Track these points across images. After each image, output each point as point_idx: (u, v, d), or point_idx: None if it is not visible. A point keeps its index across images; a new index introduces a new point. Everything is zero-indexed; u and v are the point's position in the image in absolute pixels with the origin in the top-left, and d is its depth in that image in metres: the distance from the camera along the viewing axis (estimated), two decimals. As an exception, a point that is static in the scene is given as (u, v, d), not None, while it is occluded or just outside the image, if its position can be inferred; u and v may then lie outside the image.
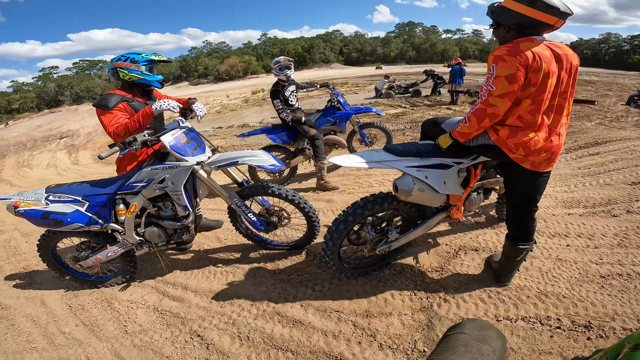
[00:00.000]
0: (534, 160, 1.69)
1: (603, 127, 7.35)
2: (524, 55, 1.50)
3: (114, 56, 2.44)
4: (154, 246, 2.38)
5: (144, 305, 2.35)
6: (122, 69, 2.35)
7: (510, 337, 1.78)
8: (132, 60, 2.35)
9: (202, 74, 69.87)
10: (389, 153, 1.90)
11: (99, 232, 2.37)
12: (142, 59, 2.37)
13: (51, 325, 2.29)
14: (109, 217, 2.29)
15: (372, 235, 2.10)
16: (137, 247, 2.38)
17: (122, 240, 2.34)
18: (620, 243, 2.50)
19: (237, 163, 2.22)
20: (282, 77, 3.99)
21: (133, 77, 2.37)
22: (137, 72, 2.37)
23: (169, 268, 2.71)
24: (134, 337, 2.09)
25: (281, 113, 3.90)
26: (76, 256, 2.45)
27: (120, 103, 2.28)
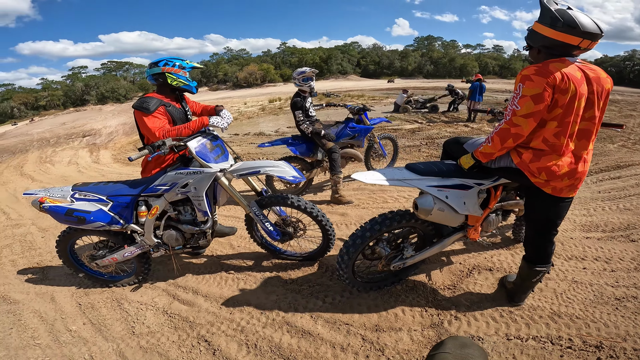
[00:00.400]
0: (555, 186, 1.67)
1: (626, 149, 7.17)
2: (552, 75, 1.48)
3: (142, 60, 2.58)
4: (170, 249, 2.41)
5: (154, 307, 2.37)
6: (171, 75, 2.40)
7: (520, 355, 1.77)
8: (180, 66, 2.42)
9: (222, 80, 71.36)
10: (411, 172, 1.93)
11: (118, 232, 2.40)
12: (188, 65, 2.46)
13: (58, 322, 2.31)
14: (130, 217, 2.33)
15: (387, 251, 2.11)
16: (154, 249, 2.41)
17: (140, 241, 2.38)
18: (637, 267, 2.46)
19: (259, 173, 2.27)
20: (305, 88, 3.98)
21: (180, 82, 2.44)
22: (184, 77, 2.45)
23: (181, 272, 2.73)
24: (141, 339, 2.10)
25: (301, 125, 3.90)
26: (93, 254, 2.48)
27: (160, 107, 2.33)
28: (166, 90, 2.48)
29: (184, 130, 2.29)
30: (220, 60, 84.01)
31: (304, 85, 3.98)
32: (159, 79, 2.42)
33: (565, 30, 1.49)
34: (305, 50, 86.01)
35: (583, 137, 1.64)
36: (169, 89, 2.48)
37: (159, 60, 2.42)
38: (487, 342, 1.87)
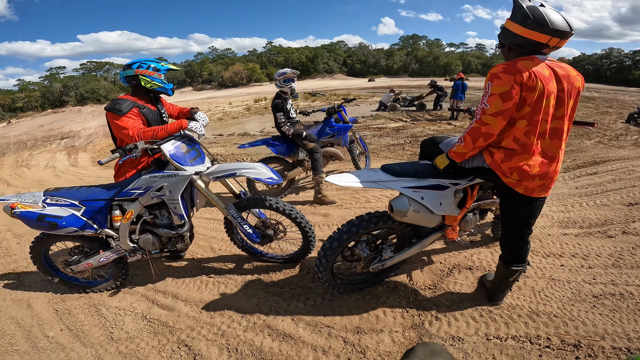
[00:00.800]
0: (527, 186, 1.67)
1: (602, 145, 7.38)
2: (519, 73, 1.48)
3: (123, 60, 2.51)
4: (147, 254, 2.38)
5: (132, 312, 2.34)
6: (145, 77, 2.35)
7: (500, 356, 1.77)
8: (154, 68, 2.37)
9: (207, 80, 70.52)
10: (386, 173, 1.91)
11: (92, 237, 2.37)
12: (163, 67, 2.41)
13: (35, 328, 2.27)
14: (104, 222, 2.30)
15: (366, 253, 2.10)
16: (130, 253, 2.38)
17: (116, 246, 2.34)
18: (614, 263, 2.50)
19: (235, 175, 2.25)
20: (286, 89, 3.98)
21: (155, 85, 2.39)
22: (158, 80, 2.40)
23: (160, 276, 2.70)
24: (120, 344, 2.07)
25: (282, 126, 3.91)
26: (68, 260, 2.44)
27: (133, 109, 2.29)
28: (140, 93, 2.43)
29: (160, 132, 2.25)
30: (205, 59, 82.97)
31: (285, 87, 3.98)
32: (132, 81, 2.37)
33: (535, 27, 1.48)
34: (292, 50, 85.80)
35: (555, 137, 1.63)
36: (144, 91, 2.43)
37: (132, 62, 2.37)
38: (467, 342, 1.87)
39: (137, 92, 2.43)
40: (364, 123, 10.72)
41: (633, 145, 7.92)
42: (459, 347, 1.85)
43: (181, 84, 71.62)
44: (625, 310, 2.00)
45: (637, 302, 2.06)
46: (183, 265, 2.87)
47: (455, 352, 1.82)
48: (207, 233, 3.46)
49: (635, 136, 9.14)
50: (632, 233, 2.92)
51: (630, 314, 1.98)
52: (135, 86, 2.39)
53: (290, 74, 3.99)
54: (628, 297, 2.12)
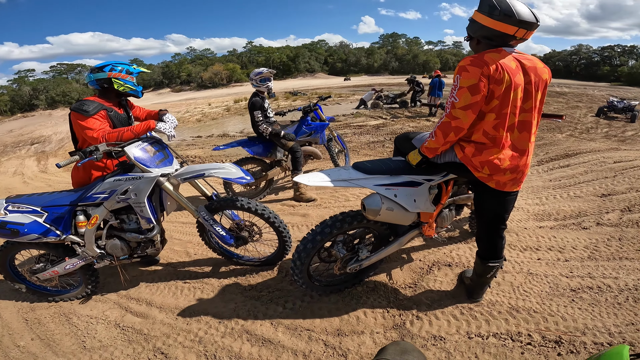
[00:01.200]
0: (499, 180, 1.66)
1: (574, 138, 7.63)
2: (486, 66, 1.47)
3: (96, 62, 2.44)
4: (115, 259, 2.31)
5: (105, 320, 2.26)
6: (117, 80, 2.30)
7: (482, 354, 1.75)
8: (127, 71, 2.33)
9: (185, 81, 69.29)
10: (358, 171, 1.85)
11: (57, 244, 2.30)
12: (135, 70, 2.38)
13: (6, 338, 2.20)
14: (68, 228, 2.23)
15: (342, 254, 2.04)
16: (98, 260, 2.31)
17: (82, 252, 2.27)
18: (590, 256, 2.53)
19: (203, 175, 2.20)
20: (263, 88, 3.90)
21: (127, 87, 2.35)
22: (130, 83, 2.36)
23: (133, 283, 2.62)
24: (93, 353, 2.01)
25: (260, 125, 3.81)
26: (33, 268, 2.37)
27: (101, 111, 2.23)
28: (110, 95, 2.38)
29: (126, 133, 2.19)
30: (183, 60, 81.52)
31: (262, 86, 3.90)
32: (104, 84, 2.32)
33: (501, 18, 1.48)
34: (272, 49, 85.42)
35: (524, 129, 1.63)
36: (114, 94, 2.39)
37: (103, 65, 2.31)
38: (449, 341, 1.84)
39: (106, 94, 2.37)
40: (344, 121, 10.72)
41: (603, 138, 8.24)
42: (441, 346, 1.82)
43: (158, 85, 70.17)
44: (604, 304, 2.02)
45: (616, 296, 2.08)
46: (157, 270, 2.79)
47: (438, 352, 1.79)
48: (183, 237, 3.34)
49: (605, 129, 9.53)
50: (606, 224, 2.99)
51: (610, 307, 1.99)
52: (105, 89, 2.34)
53: (266, 73, 3.92)
54: (606, 290, 2.14)
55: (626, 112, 11.24)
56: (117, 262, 2.32)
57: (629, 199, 3.45)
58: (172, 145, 9.04)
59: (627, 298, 2.05)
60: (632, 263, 2.40)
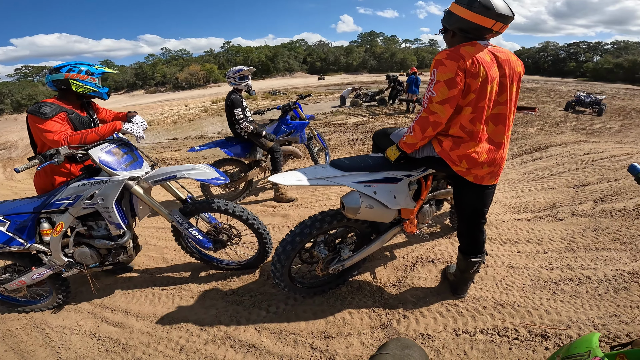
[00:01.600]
0: (477, 174, 1.66)
1: (544, 132, 7.91)
2: (462, 59, 1.46)
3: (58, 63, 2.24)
4: (85, 268, 2.21)
5: (79, 330, 2.18)
6: (76, 81, 2.16)
7: (471, 351, 1.74)
8: (87, 72, 2.18)
9: (160, 82, 67.46)
10: (335, 168, 1.80)
11: (22, 253, 2.20)
12: (97, 70, 2.23)
13: None
14: (32, 237, 2.13)
15: (324, 254, 1.98)
16: (66, 269, 2.20)
17: (49, 261, 2.17)
18: (567, 247, 2.59)
19: (175, 177, 2.10)
20: (242, 87, 3.78)
21: (87, 89, 2.20)
22: (91, 84, 2.21)
23: (107, 291, 2.53)
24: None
25: (242, 123, 3.68)
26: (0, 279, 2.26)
27: (60, 113, 2.11)
28: (70, 97, 2.24)
29: (90, 135, 2.08)
30: (157, 61, 79.24)
31: (241, 84, 3.78)
32: (61, 85, 2.18)
33: (480, 11, 1.47)
34: (251, 49, 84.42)
35: (499, 122, 1.63)
36: (75, 96, 2.25)
37: (61, 65, 2.17)
38: (437, 339, 1.83)
39: (66, 96, 2.23)
40: (324, 119, 10.70)
41: (572, 131, 8.59)
42: (429, 345, 1.80)
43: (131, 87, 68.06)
44: (585, 296, 2.05)
45: (596, 287, 2.12)
46: (133, 277, 2.68)
47: (427, 351, 1.77)
48: (159, 243, 3.22)
49: (574, 122, 9.94)
50: (580, 215, 3.07)
51: (591, 299, 2.02)
52: (63, 90, 2.21)
53: (246, 71, 3.81)
54: (586, 281, 2.18)
55: (593, 106, 11.77)
56: (88, 271, 2.22)
57: (601, 190, 3.58)
58: (147, 149, 8.73)
59: (607, 289, 2.09)
60: (608, 253, 2.47)
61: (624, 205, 3.14)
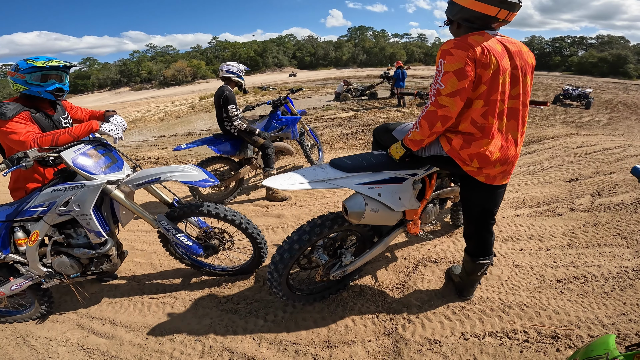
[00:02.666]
0: (488, 174, 1.56)
1: (535, 125, 7.94)
2: (472, 48, 1.37)
3: None
4: (66, 278, 2.09)
5: (66, 342, 2.08)
6: (10, 79, 2.02)
7: (480, 355, 1.67)
8: (15, 67, 2.00)
9: (146, 79, 66.18)
10: (336, 169, 1.68)
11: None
12: (25, 65, 1.98)
13: None
14: (7, 246, 2.01)
15: (324, 260, 1.87)
16: (46, 279, 2.09)
17: (26, 272, 2.06)
18: (570, 243, 2.54)
19: (159, 180, 1.97)
20: (241, 81, 3.68)
21: (19, 87, 2.01)
22: (20, 81, 1.99)
23: (93, 300, 2.41)
24: None
25: (235, 120, 3.53)
26: None
27: (22, 112, 1.96)
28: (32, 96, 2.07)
29: (62, 136, 1.93)
30: (142, 57, 77.54)
31: (241, 80, 3.67)
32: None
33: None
34: (239, 44, 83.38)
35: (512, 117, 1.53)
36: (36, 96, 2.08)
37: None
38: (445, 344, 1.75)
39: (29, 96, 2.07)
40: (315, 114, 10.56)
41: (562, 124, 8.67)
42: (437, 350, 1.72)
43: (116, 84, 66.56)
44: (592, 294, 2.00)
45: (602, 285, 2.07)
46: (120, 285, 2.55)
47: (435, 357, 1.69)
48: (146, 248, 3.06)
49: (563, 115, 10.05)
50: (579, 209, 3.04)
51: (598, 298, 1.98)
52: None
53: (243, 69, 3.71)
54: (591, 279, 2.13)
55: (581, 99, 11.93)
56: (69, 281, 2.10)
57: (597, 183, 3.56)
58: (132, 147, 8.46)
59: (613, 287, 2.05)
60: (611, 249, 2.43)
61: (622, 199, 3.12)
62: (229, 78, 3.59)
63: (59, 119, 2.17)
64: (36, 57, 2.01)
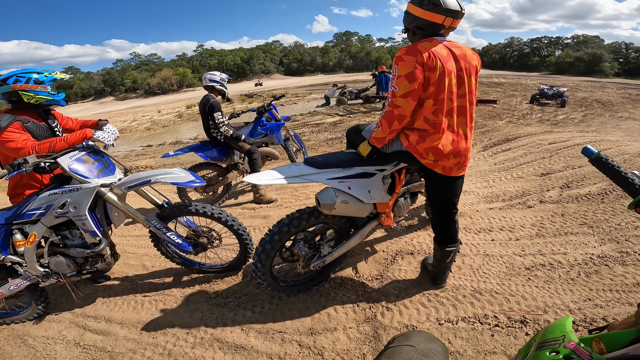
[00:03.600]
0: (444, 165, 1.74)
1: (512, 124, 8.23)
2: (420, 54, 1.55)
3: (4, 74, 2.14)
4: (62, 277, 2.17)
5: (63, 340, 2.15)
6: (26, 92, 2.09)
7: (455, 339, 1.78)
8: (35, 80, 2.11)
9: (130, 88, 65.35)
10: (309, 166, 1.84)
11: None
12: (47, 78, 2.15)
13: None
14: (6, 248, 2.08)
15: (304, 251, 2.01)
16: (43, 279, 2.16)
17: (24, 272, 2.13)
18: (538, 233, 2.70)
19: (149, 182, 2.09)
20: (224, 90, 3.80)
21: (41, 99, 2.14)
22: (44, 93, 2.14)
23: (88, 300, 2.49)
24: None
25: (222, 127, 3.65)
26: None
27: (14, 122, 2.06)
28: (25, 107, 2.19)
29: (59, 143, 2.05)
30: (126, 66, 76.55)
31: (224, 88, 3.79)
32: (12, 97, 2.12)
33: (430, 8, 1.57)
34: (225, 52, 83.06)
35: (461, 114, 1.72)
36: (29, 106, 2.19)
37: (7, 76, 2.09)
38: (421, 329, 1.87)
39: (20, 106, 2.18)
40: (302, 120, 10.71)
41: (538, 122, 8.99)
42: (415, 336, 1.85)
43: (100, 94, 65.55)
44: (559, 281, 2.14)
45: (567, 271, 2.21)
46: (113, 286, 2.63)
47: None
48: (138, 251, 3.15)
49: (539, 114, 10.41)
50: (548, 201, 3.23)
51: (564, 284, 2.11)
52: (15, 102, 2.15)
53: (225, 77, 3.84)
54: (557, 266, 2.27)
55: (556, 98, 12.36)
56: (65, 280, 2.19)
57: (566, 177, 3.78)
58: (120, 157, 8.46)
59: (578, 273, 2.19)
60: (577, 237, 2.59)
61: (589, 191, 3.32)
62: (212, 87, 3.71)
63: (47, 127, 2.27)
64: (47, 70, 2.19)
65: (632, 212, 2.84)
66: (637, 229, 2.61)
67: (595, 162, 0.98)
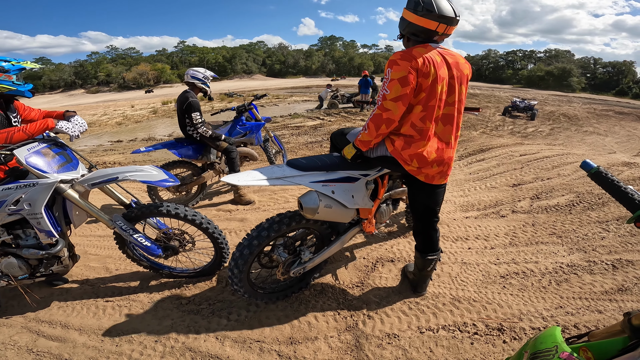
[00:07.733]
0: (427, 173, 1.73)
1: (486, 135, 8.53)
2: (415, 59, 1.54)
3: None
4: (13, 280, 2.03)
5: (14, 346, 2.00)
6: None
7: (436, 348, 1.78)
8: (1, 69, 2.01)
9: (104, 82, 62.72)
10: (292, 168, 1.77)
11: None
12: (13, 67, 2.05)
13: None
14: None
15: (284, 257, 1.94)
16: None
17: None
18: (511, 242, 2.78)
19: (116, 180, 1.94)
20: (206, 88, 3.65)
21: (2, 88, 2.03)
22: (7, 82, 2.04)
23: (42, 304, 2.32)
24: None
25: (200, 128, 3.50)
26: None
27: None
28: None
29: (17, 133, 1.89)
30: (101, 59, 73.47)
31: (206, 87, 3.65)
32: None
33: (424, 14, 1.56)
34: (207, 50, 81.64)
35: (447, 123, 1.71)
36: None
37: None
38: (403, 338, 1.85)
39: None
40: (282, 122, 10.62)
41: (509, 134, 9.38)
42: (396, 344, 1.81)
43: (70, 86, 62.45)
44: (532, 289, 2.18)
45: (539, 280, 2.28)
46: (71, 289, 2.44)
47: (394, 350, 1.78)
48: (101, 252, 2.94)
49: (510, 126, 10.88)
50: (519, 211, 3.34)
51: (537, 292, 2.16)
52: None
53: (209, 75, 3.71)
54: (530, 274, 2.33)
55: (527, 111, 12.99)
56: (17, 283, 2.05)
57: (536, 188, 3.93)
58: (86, 152, 8.01)
59: (550, 281, 2.25)
60: (547, 247, 2.68)
61: (558, 202, 3.47)
62: (193, 84, 3.57)
63: (6, 118, 2.11)
64: (16, 59, 2.06)
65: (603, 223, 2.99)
66: (604, 240, 2.74)
67: (595, 176, 0.97)
